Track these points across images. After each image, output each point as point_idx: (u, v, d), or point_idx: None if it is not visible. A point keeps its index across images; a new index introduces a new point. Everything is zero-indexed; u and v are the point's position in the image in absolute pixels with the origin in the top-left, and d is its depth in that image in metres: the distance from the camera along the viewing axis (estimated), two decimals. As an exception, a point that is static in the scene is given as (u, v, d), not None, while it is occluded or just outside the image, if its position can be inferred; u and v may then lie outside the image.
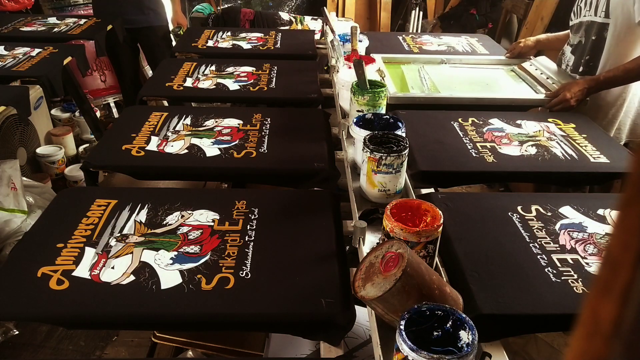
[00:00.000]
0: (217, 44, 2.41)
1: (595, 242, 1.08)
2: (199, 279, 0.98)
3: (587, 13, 1.77)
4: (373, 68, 1.54)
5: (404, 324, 0.68)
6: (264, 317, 0.93)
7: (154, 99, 2.06)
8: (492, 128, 1.58)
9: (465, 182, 1.55)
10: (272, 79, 1.98)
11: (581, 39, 1.80)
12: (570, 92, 1.66)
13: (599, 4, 1.72)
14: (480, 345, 0.86)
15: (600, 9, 1.70)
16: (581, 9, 1.81)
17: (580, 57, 1.81)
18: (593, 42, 1.75)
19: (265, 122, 1.62)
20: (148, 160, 1.40)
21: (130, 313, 0.93)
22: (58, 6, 3.84)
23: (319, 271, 1.02)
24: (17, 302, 0.93)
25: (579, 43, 1.81)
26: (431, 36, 2.53)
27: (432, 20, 4.64)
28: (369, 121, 1.25)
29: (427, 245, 0.87)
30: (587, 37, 1.77)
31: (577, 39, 1.83)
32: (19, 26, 2.76)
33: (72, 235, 1.10)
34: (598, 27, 1.72)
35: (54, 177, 2.32)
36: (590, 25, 1.75)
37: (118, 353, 1.28)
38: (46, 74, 2.11)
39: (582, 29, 1.79)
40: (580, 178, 1.40)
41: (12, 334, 1.31)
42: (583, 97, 1.67)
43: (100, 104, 3.41)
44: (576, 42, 1.83)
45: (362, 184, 1.15)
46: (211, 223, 1.16)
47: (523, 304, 0.90)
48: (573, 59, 1.86)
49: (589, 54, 1.78)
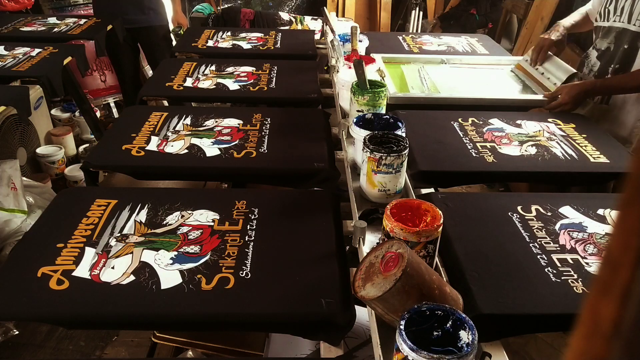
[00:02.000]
0: (217, 44, 2.41)
1: (595, 242, 1.08)
2: (199, 279, 0.99)
3: (617, 19, 1.70)
4: (373, 68, 1.54)
5: (404, 324, 0.68)
6: (264, 317, 0.93)
7: (154, 99, 2.06)
8: (492, 128, 1.58)
9: (465, 182, 1.55)
10: (272, 79, 1.98)
11: (610, 45, 1.73)
12: (570, 95, 1.66)
13: (633, 11, 1.64)
14: (480, 345, 0.86)
15: (635, 17, 1.63)
16: (609, 12, 1.73)
17: (608, 64, 1.74)
18: (625, 51, 1.68)
19: (265, 122, 1.62)
20: (148, 160, 1.40)
21: (130, 313, 0.93)
22: (58, 6, 3.83)
23: (319, 271, 1.02)
24: (17, 302, 0.93)
25: (607, 49, 1.74)
26: (431, 36, 2.53)
27: (432, 20, 4.64)
28: (369, 121, 1.25)
29: (427, 245, 0.87)
30: (618, 45, 1.70)
31: (604, 45, 1.75)
32: (19, 26, 2.76)
33: (72, 235, 1.10)
34: (632, 35, 1.66)
35: (54, 177, 2.32)
36: (623, 33, 1.68)
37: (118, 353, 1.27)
38: (46, 74, 2.11)
39: (611, 35, 1.72)
40: (580, 178, 1.40)
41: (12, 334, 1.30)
42: (581, 99, 1.67)
43: (100, 104, 3.42)
44: (604, 47, 1.76)
45: (362, 184, 1.15)
46: (211, 223, 1.16)
47: (523, 304, 0.90)
48: (599, 65, 1.79)
49: (619, 62, 1.71)
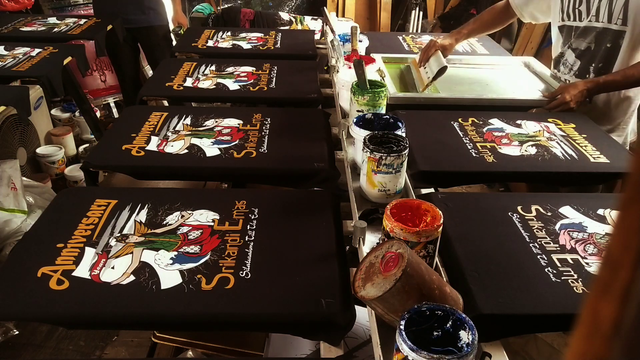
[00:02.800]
0: (217, 44, 2.41)
1: (595, 242, 1.08)
2: (199, 279, 0.98)
3: (593, 19, 1.71)
4: (373, 68, 1.54)
5: (404, 324, 0.68)
6: (264, 317, 0.93)
7: (154, 98, 2.06)
8: (492, 128, 1.58)
9: (465, 182, 1.55)
10: (272, 79, 1.98)
11: (590, 45, 1.74)
12: (570, 94, 1.66)
13: (612, 11, 1.65)
14: (480, 345, 0.86)
15: (616, 17, 1.65)
16: (582, 13, 1.74)
17: (589, 63, 1.76)
18: (607, 50, 1.70)
19: (265, 122, 1.62)
20: (148, 160, 1.40)
21: (130, 313, 0.93)
22: (58, 6, 3.84)
23: (319, 271, 1.02)
24: (17, 302, 0.93)
25: (588, 49, 1.75)
26: (431, 36, 2.53)
27: (432, 20, 4.65)
28: (369, 121, 1.25)
29: (427, 245, 0.87)
30: (600, 44, 1.71)
31: (583, 44, 1.76)
32: (19, 26, 2.76)
33: (72, 235, 1.10)
34: (614, 34, 1.67)
35: (54, 177, 2.32)
36: (604, 32, 1.69)
37: (118, 353, 1.27)
38: (46, 74, 2.11)
39: (590, 35, 1.73)
40: (580, 178, 1.40)
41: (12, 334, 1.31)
42: (583, 98, 1.67)
43: (100, 104, 3.42)
44: (583, 47, 1.76)
45: (362, 184, 1.15)
46: (211, 223, 1.16)
47: (523, 304, 0.90)
48: (579, 64, 1.80)
49: (602, 61, 1.72)
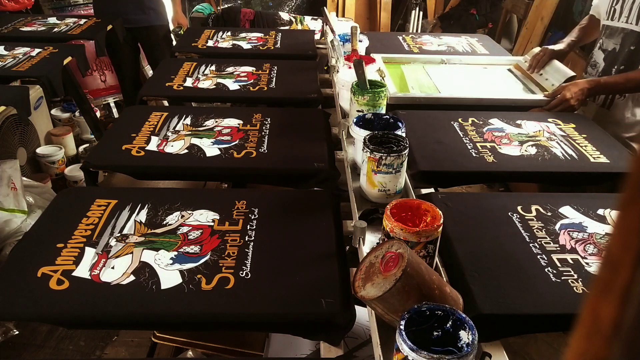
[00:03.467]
0: (217, 44, 2.41)
1: (595, 242, 1.08)
2: (199, 279, 0.98)
3: (624, 19, 1.68)
4: (373, 68, 1.54)
5: (404, 324, 0.68)
6: (264, 317, 0.93)
7: (154, 98, 2.06)
8: (492, 128, 1.58)
9: (465, 182, 1.55)
10: (272, 79, 1.98)
11: (616, 46, 1.71)
12: (570, 93, 1.66)
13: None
14: (480, 345, 0.86)
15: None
16: (615, 12, 1.71)
17: (612, 65, 1.73)
18: (631, 52, 1.67)
19: (265, 122, 1.62)
20: (148, 160, 1.40)
21: (130, 313, 0.93)
22: (58, 6, 3.83)
23: (319, 271, 1.02)
24: (17, 302, 0.93)
25: (613, 50, 1.73)
26: (431, 36, 2.53)
27: (432, 20, 4.65)
28: (369, 121, 1.25)
29: (427, 245, 0.87)
30: (624, 46, 1.69)
31: (611, 45, 1.74)
32: (19, 26, 2.76)
33: (72, 235, 1.10)
34: (638, 37, 1.64)
35: (54, 177, 2.32)
36: (630, 35, 1.67)
37: (118, 353, 1.27)
38: (46, 74, 2.11)
39: (618, 35, 1.71)
40: (580, 178, 1.40)
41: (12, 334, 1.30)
42: (583, 97, 1.67)
43: (100, 104, 3.42)
44: (610, 48, 1.74)
45: (362, 184, 1.15)
46: (211, 223, 1.16)
47: (523, 304, 0.90)
48: (603, 66, 1.77)
49: (624, 63, 1.69)
